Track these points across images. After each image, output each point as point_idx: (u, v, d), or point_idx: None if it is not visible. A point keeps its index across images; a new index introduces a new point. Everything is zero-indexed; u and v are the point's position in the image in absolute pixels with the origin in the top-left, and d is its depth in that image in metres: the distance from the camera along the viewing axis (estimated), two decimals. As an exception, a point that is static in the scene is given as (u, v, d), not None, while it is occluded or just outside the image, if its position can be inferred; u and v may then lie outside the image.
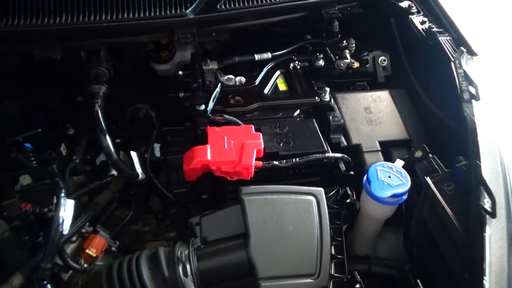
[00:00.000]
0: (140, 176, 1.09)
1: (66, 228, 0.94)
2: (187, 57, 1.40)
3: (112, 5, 1.08)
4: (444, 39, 1.28)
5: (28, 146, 1.09)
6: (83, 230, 1.06)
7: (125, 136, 1.32)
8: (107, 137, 1.04)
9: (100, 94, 1.08)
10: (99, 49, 1.12)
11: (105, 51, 1.14)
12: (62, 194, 0.95)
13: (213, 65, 1.32)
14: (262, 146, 1.08)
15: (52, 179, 1.00)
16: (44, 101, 1.21)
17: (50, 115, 1.21)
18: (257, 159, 1.07)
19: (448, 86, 1.17)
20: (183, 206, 1.23)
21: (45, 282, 0.91)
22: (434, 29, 1.32)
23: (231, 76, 1.31)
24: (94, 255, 1.03)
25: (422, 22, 1.38)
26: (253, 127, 1.13)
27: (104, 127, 1.04)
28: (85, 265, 1.05)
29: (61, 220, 0.92)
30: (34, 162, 1.07)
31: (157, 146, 1.25)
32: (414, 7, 1.44)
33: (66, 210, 0.94)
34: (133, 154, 1.10)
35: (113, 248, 1.10)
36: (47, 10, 1.05)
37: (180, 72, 1.34)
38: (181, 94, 1.26)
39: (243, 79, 1.32)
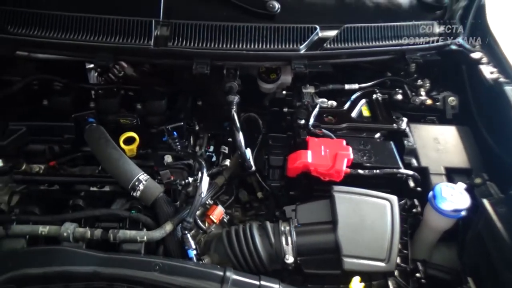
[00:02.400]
0: (253, 168, 1.41)
1: (204, 196, 1.26)
2: (287, 80, 1.72)
3: (248, 37, 1.41)
4: (509, 89, 1.47)
5: (175, 133, 1.44)
6: (206, 202, 1.37)
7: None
8: (240, 134, 1.36)
9: (235, 102, 1.41)
10: (236, 68, 1.46)
11: (238, 70, 1.48)
12: (205, 171, 1.28)
13: (311, 89, 1.62)
14: (352, 157, 1.35)
15: (196, 160, 1.34)
16: (183, 103, 1.57)
17: (186, 113, 1.56)
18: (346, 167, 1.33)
19: (508, 129, 1.37)
20: (276, 196, 1.50)
21: (186, 232, 1.23)
22: (501, 79, 1.52)
23: (325, 100, 1.59)
24: (215, 220, 1.33)
25: (491, 72, 1.57)
26: (344, 141, 1.40)
27: (239, 126, 1.36)
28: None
29: (204, 189, 1.25)
30: (179, 146, 1.42)
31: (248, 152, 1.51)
32: (485, 58, 1.64)
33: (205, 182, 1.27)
34: (248, 151, 1.42)
35: (225, 220, 1.40)
36: (200, 37, 1.40)
37: (284, 92, 1.67)
38: (285, 109, 1.58)
39: (334, 103, 1.60)
